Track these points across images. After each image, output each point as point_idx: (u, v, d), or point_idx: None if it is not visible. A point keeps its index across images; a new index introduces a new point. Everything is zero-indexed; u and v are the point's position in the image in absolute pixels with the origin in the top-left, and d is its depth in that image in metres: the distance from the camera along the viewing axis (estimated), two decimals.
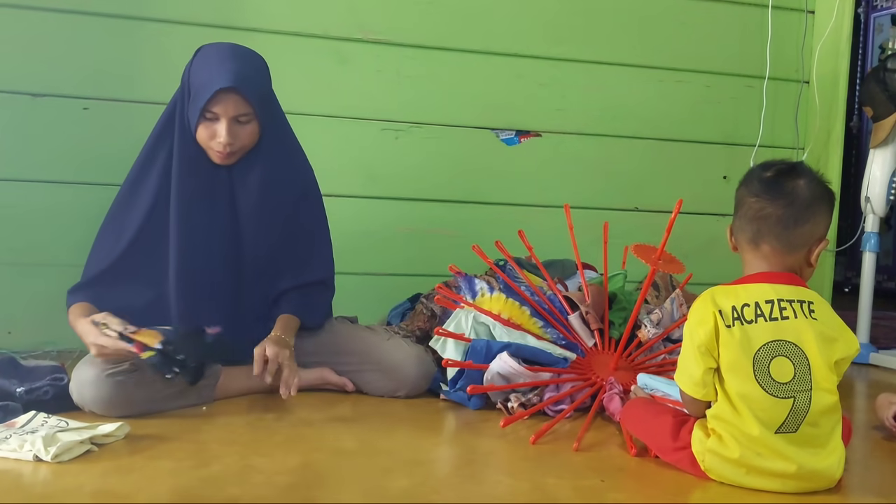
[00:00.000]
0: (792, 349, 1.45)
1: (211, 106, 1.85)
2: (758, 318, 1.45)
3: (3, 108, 2.40)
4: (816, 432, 1.45)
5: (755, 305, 1.46)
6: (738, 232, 1.56)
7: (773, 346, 1.45)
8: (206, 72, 1.87)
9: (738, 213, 1.56)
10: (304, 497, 1.38)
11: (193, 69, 1.92)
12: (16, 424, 1.61)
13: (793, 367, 1.44)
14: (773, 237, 1.51)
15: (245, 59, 1.92)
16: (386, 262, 2.72)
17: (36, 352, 2.30)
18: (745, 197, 1.54)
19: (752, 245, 1.53)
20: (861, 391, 2.51)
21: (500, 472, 1.57)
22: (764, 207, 1.51)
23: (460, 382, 2.00)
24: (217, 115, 1.87)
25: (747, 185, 1.56)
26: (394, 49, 2.72)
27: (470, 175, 2.82)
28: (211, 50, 1.93)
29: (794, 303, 1.47)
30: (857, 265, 3.11)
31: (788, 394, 1.43)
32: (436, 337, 2.13)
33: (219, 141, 1.88)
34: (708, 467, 1.48)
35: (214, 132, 1.88)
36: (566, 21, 2.88)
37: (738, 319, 1.45)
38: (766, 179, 1.53)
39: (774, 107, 3.05)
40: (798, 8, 3.08)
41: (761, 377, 1.43)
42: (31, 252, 2.43)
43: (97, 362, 1.78)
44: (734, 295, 1.49)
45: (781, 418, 1.43)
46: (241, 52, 1.94)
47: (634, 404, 1.75)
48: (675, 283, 2.59)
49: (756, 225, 1.52)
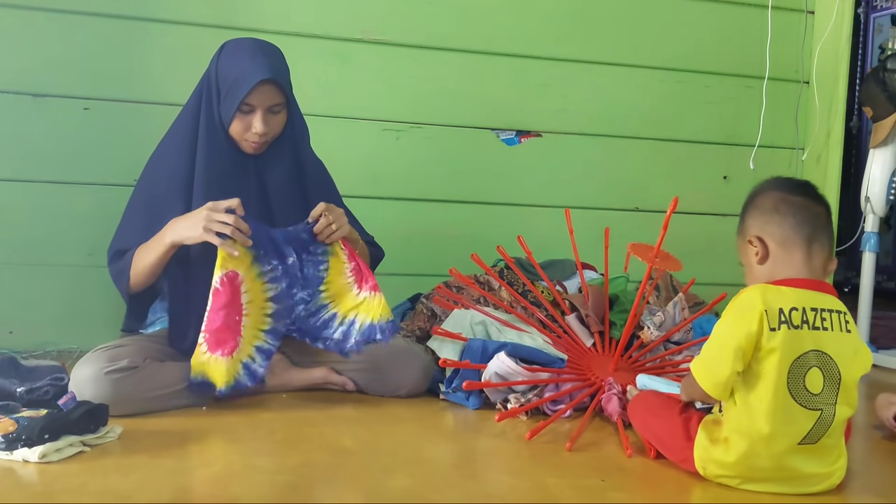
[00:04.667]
0: (827, 361, 1.41)
1: (248, 98, 1.90)
2: (803, 324, 1.40)
3: (3, 108, 2.40)
4: (831, 443, 1.45)
5: (802, 311, 1.40)
6: (779, 228, 1.46)
7: (812, 356, 1.41)
8: (239, 66, 1.92)
9: (775, 215, 1.46)
10: (305, 496, 1.38)
11: (222, 65, 1.96)
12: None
13: (823, 380, 1.41)
14: (826, 237, 1.47)
15: (272, 52, 1.98)
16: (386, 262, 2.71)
17: (36, 352, 2.30)
18: (789, 198, 1.47)
19: (803, 244, 1.45)
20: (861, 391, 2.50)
21: (501, 472, 1.57)
22: (813, 206, 1.47)
23: (456, 382, 2.00)
24: (253, 107, 1.92)
25: (782, 188, 1.49)
26: (394, 49, 2.72)
27: (470, 175, 2.82)
28: (237, 46, 1.98)
29: (834, 313, 1.43)
30: (857, 265, 3.11)
31: (817, 406, 1.41)
32: (434, 337, 2.13)
33: (255, 132, 1.94)
34: (708, 476, 1.48)
35: (249, 124, 1.94)
36: (566, 21, 2.88)
37: (786, 323, 1.39)
38: (802, 184, 1.50)
39: (774, 107, 3.05)
40: (798, 8, 3.08)
41: (794, 386, 1.40)
42: (31, 252, 2.43)
43: (97, 361, 1.78)
44: (782, 295, 1.41)
45: (806, 430, 1.41)
46: (265, 45, 2.00)
47: (641, 398, 1.72)
48: (676, 286, 2.60)
49: (811, 225, 1.46)
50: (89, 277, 2.45)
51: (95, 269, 2.45)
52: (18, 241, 2.43)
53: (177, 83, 2.34)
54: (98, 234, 2.44)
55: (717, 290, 2.33)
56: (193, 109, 2.00)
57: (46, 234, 2.44)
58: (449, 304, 2.26)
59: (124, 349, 1.84)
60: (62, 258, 2.44)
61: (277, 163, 2.03)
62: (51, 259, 2.44)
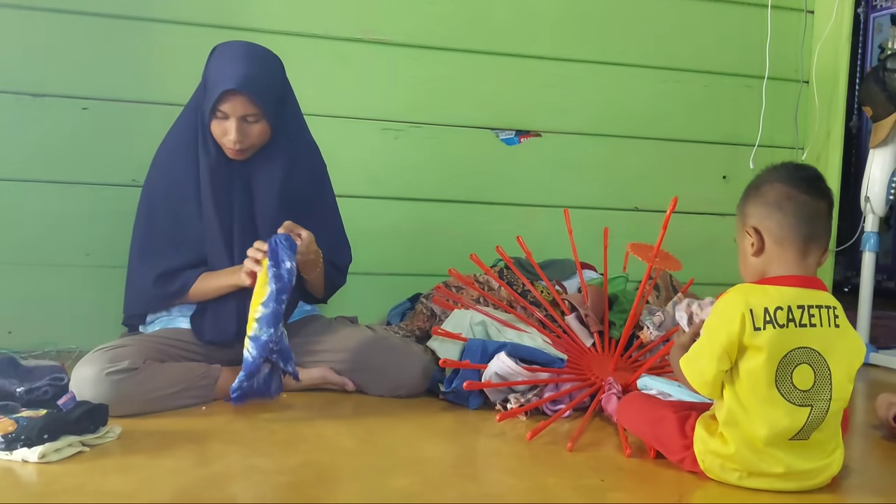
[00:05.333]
0: (816, 357, 1.42)
1: (220, 105, 1.90)
2: (789, 322, 1.40)
3: (3, 108, 2.40)
4: (824, 437, 1.45)
5: (787, 309, 1.41)
6: (780, 226, 1.45)
7: (799, 352, 1.41)
8: (218, 71, 1.93)
9: (777, 211, 1.45)
10: (305, 496, 1.38)
11: (209, 66, 1.97)
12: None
13: (813, 376, 1.41)
14: (824, 233, 1.46)
15: (255, 60, 1.95)
16: (386, 262, 2.72)
17: (36, 352, 2.30)
18: (794, 194, 1.45)
19: (799, 244, 1.45)
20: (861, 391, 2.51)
21: (501, 472, 1.57)
22: (817, 203, 1.46)
23: (455, 382, 2.00)
24: (227, 114, 1.91)
25: (788, 182, 1.47)
26: (394, 49, 2.72)
27: (470, 175, 2.82)
28: (225, 49, 1.98)
29: (823, 309, 1.43)
30: (857, 265, 3.11)
31: (807, 402, 1.41)
32: (434, 337, 2.13)
33: (229, 138, 1.93)
34: (707, 468, 1.48)
35: (225, 130, 1.93)
36: (566, 21, 2.88)
37: (770, 322, 1.40)
38: (810, 178, 1.48)
39: (774, 107, 3.05)
40: (798, 8, 3.08)
41: (782, 384, 1.40)
42: (31, 252, 2.43)
43: (97, 362, 1.78)
44: (766, 295, 1.42)
45: (798, 427, 1.41)
46: (253, 52, 1.97)
47: (631, 400, 1.73)
48: (675, 285, 2.59)
49: (811, 224, 1.45)
50: (89, 277, 2.45)
51: (95, 269, 2.45)
52: (18, 241, 2.43)
53: (177, 83, 2.34)
54: (98, 234, 2.45)
55: (717, 289, 2.30)
56: (193, 109, 2.01)
57: (46, 234, 2.44)
58: (448, 304, 2.26)
59: (125, 350, 1.84)
60: (62, 258, 2.44)
61: (265, 171, 2.00)
62: (51, 259, 2.44)
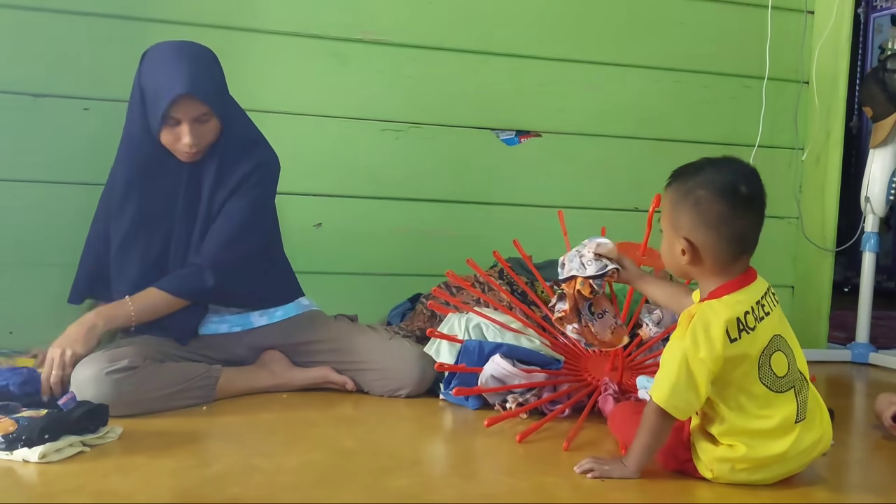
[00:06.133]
0: (780, 341, 1.46)
1: (171, 111, 1.87)
2: (756, 322, 1.44)
3: (3, 108, 2.40)
4: (814, 405, 1.50)
5: (751, 310, 1.44)
6: (715, 247, 1.45)
7: (770, 344, 1.45)
8: (160, 77, 1.88)
9: (713, 232, 1.45)
10: (305, 496, 1.38)
11: (144, 73, 1.92)
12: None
13: (786, 358, 1.46)
14: (756, 236, 1.49)
15: (195, 59, 1.92)
16: (386, 262, 2.72)
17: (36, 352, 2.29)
18: (730, 217, 1.44)
19: (738, 257, 1.46)
20: (861, 391, 2.52)
21: (500, 472, 1.57)
22: (753, 219, 1.47)
23: (453, 383, 2.00)
24: (178, 119, 1.89)
25: (724, 199, 1.44)
26: (394, 49, 2.72)
27: (470, 175, 2.82)
28: (159, 53, 1.93)
29: (766, 296, 1.48)
30: (857, 265, 3.11)
31: (790, 385, 1.45)
32: (431, 342, 2.12)
33: (185, 142, 1.90)
34: (717, 476, 1.48)
35: (178, 135, 1.90)
36: (566, 21, 2.88)
37: (744, 330, 1.42)
38: (747, 194, 1.45)
39: (774, 107, 3.05)
40: (797, 8, 3.07)
41: (767, 378, 1.43)
42: (31, 252, 2.43)
43: (97, 361, 1.78)
44: (732, 306, 1.43)
45: (795, 410, 1.44)
46: (189, 51, 1.93)
47: (623, 409, 1.70)
48: None
49: (746, 240, 1.47)
50: None
51: None
52: (18, 241, 2.42)
53: None
54: None
55: None
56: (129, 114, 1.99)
57: (46, 234, 2.44)
58: (445, 308, 2.25)
59: (124, 349, 1.84)
60: (62, 258, 2.44)
61: (207, 168, 1.98)
62: (50, 259, 2.44)
